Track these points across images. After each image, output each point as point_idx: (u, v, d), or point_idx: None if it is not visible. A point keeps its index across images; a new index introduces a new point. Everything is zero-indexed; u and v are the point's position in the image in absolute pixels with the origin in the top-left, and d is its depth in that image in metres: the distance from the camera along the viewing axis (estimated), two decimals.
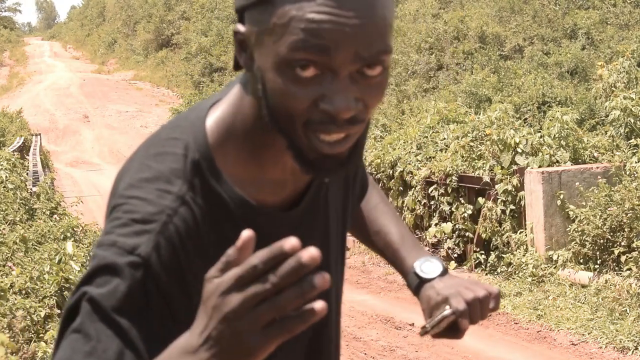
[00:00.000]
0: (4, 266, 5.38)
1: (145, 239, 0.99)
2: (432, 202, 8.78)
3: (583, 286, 6.71)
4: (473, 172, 8.34)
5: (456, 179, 8.37)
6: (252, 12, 0.97)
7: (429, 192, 8.75)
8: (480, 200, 8.10)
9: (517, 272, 7.34)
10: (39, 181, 11.12)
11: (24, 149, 18.47)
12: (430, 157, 9.19)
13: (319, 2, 0.92)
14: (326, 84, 0.95)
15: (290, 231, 1.00)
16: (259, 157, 1.07)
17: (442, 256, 8.57)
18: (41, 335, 4.57)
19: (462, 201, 8.35)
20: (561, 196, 7.27)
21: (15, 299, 4.66)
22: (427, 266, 1.35)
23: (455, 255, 8.42)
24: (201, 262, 1.00)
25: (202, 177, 1.05)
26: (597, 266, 6.82)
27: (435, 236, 8.60)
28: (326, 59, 0.93)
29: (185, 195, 1.03)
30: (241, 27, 1.00)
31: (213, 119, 1.08)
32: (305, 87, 0.95)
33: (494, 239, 7.88)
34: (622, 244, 6.63)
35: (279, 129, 0.99)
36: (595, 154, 8.10)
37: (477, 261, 8.08)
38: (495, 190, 7.88)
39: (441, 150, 9.23)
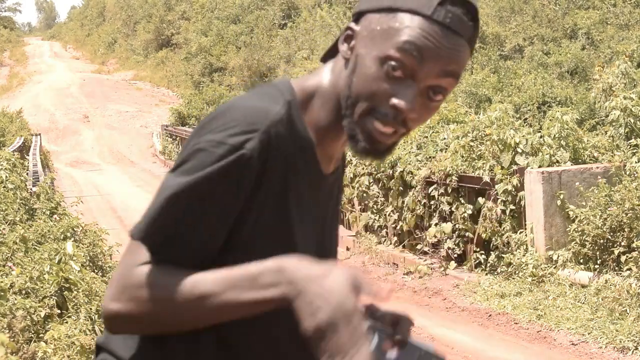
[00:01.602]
0: (4, 266, 5.38)
1: (253, 135, 1.19)
2: (432, 202, 8.78)
3: (583, 286, 6.71)
4: (473, 172, 8.34)
5: (456, 179, 8.37)
6: (374, 15, 1.23)
7: (429, 192, 8.75)
8: (480, 200, 8.10)
9: (517, 272, 7.34)
10: (39, 181, 11.12)
11: (24, 149, 18.46)
12: (430, 157, 9.19)
13: (431, 27, 1.19)
14: (403, 87, 1.20)
15: (326, 194, 1.36)
16: (325, 128, 1.29)
17: (442, 256, 8.57)
18: (41, 335, 4.57)
19: (462, 201, 8.35)
20: (561, 196, 7.27)
21: (15, 299, 4.66)
22: None
23: (455, 255, 8.42)
24: (278, 178, 1.23)
25: (291, 113, 1.25)
26: (597, 266, 6.82)
27: (435, 236, 8.60)
28: (416, 66, 1.19)
29: (284, 116, 1.23)
30: (354, 25, 1.26)
31: (298, 85, 1.30)
32: (389, 83, 1.20)
33: (494, 239, 7.88)
34: (622, 244, 6.63)
35: (348, 105, 1.23)
36: (595, 154, 8.10)
37: (477, 261, 8.08)
38: (495, 190, 7.88)
39: (441, 150, 9.23)
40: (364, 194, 10.18)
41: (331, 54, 1.34)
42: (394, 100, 1.20)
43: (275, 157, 1.22)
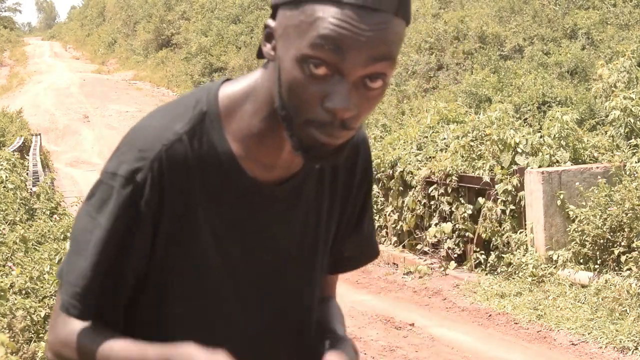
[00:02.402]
0: (4, 266, 5.38)
1: (141, 167, 1.15)
2: (432, 202, 8.78)
3: (583, 286, 6.71)
4: (473, 172, 8.34)
5: (456, 179, 8.37)
6: (285, 8, 1.10)
7: (429, 192, 8.75)
8: (480, 200, 8.10)
9: (517, 272, 7.34)
10: (39, 181, 11.12)
11: (24, 149, 18.46)
12: (430, 157, 9.19)
13: (344, 12, 1.05)
14: (333, 85, 1.07)
15: (267, 201, 1.23)
16: (259, 135, 1.20)
17: (442, 256, 8.57)
18: (41, 335, 4.57)
19: (462, 201, 8.35)
20: (561, 196, 7.27)
21: (15, 299, 4.66)
22: None
23: (455, 255, 8.42)
24: (182, 199, 1.18)
25: (204, 126, 1.19)
26: (597, 266, 6.81)
27: (435, 236, 8.60)
28: (338, 60, 1.06)
29: (183, 135, 1.17)
30: (271, 22, 1.14)
31: (227, 90, 1.22)
32: (315, 84, 1.07)
33: (494, 239, 7.88)
34: (622, 244, 6.63)
35: (284, 117, 1.12)
36: (595, 154, 8.10)
37: (477, 261, 8.08)
38: (495, 190, 7.88)
39: (441, 150, 9.22)
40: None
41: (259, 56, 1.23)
42: (327, 104, 1.07)
43: (173, 180, 1.17)
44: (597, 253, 6.87)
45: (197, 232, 1.20)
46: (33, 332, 4.61)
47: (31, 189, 9.94)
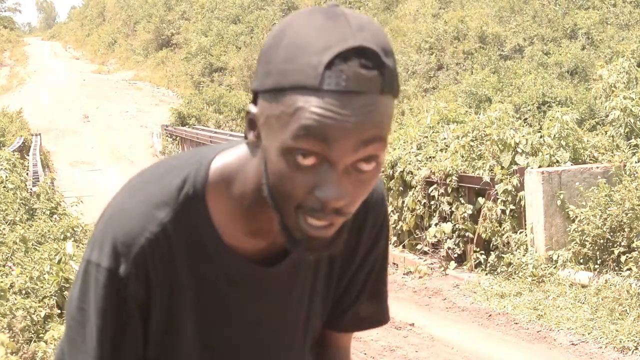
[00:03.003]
0: (4, 266, 5.38)
1: (124, 261, 1.12)
2: (432, 202, 8.78)
3: (583, 286, 6.71)
4: (473, 172, 8.34)
5: (456, 179, 8.37)
6: (265, 96, 1.03)
7: (429, 192, 8.75)
8: (480, 200, 8.10)
9: (517, 272, 7.34)
10: (39, 181, 11.11)
11: (24, 149, 18.46)
12: (430, 157, 9.19)
13: (325, 100, 0.98)
14: (322, 173, 1.01)
15: (261, 284, 1.20)
16: (248, 217, 1.15)
17: (442, 256, 8.57)
18: (41, 335, 4.57)
19: (462, 201, 8.35)
20: (561, 196, 7.27)
21: (15, 299, 4.66)
22: None
23: (455, 255, 8.42)
24: (168, 289, 1.15)
25: (189, 212, 1.14)
26: (597, 266, 6.81)
27: (435, 236, 8.60)
28: (326, 150, 0.99)
29: (167, 224, 1.13)
30: (253, 108, 1.07)
31: (218, 164, 1.15)
32: (303, 174, 1.02)
33: (494, 239, 7.88)
34: (622, 244, 6.62)
35: (274, 205, 1.06)
36: (595, 154, 8.10)
37: (477, 261, 8.08)
38: (495, 190, 7.88)
39: (441, 150, 9.22)
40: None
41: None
42: (318, 194, 1.02)
43: (158, 272, 1.14)
44: (597, 253, 6.87)
45: (183, 321, 1.18)
46: (33, 332, 4.61)
47: (31, 189, 9.94)
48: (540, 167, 7.72)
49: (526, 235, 7.53)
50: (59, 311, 4.95)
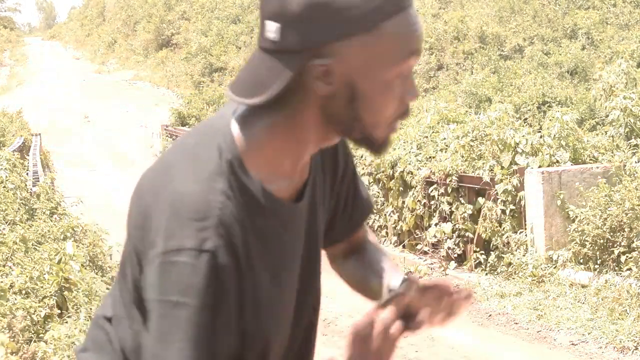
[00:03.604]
0: (4, 266, 5.38)
1: (207, 235, 1.12)
2: (432, 202, 8.78)
3: (583, 286, 6.71)
4: (473, 172, 8.34)
5: (456, 179, 8.37)
6: (353, 40, 1.12)
7: (429, 192, 8.75)
8: (480, 200, 8.10)
9: (517, 272, 7.34)
10: (39, 181, 11.11)
11: (24, 149, 18.46)
12: (430, 157, 9.19)
13: (410, 18, 1.15)
14: (407, 81, 1.19)
15: (300, 220, 1.29)
16: (282, 164, 1.23)
17: (442, 256, 8.57)
18: (41, 335, 4.57)
19: (462, 201, 8.35)
20: (561, 196, 7.27)
21: (15, 299, 4.66)
22: None
23: (455, 255, 8.42)
24: (243, 250, 1.18)
25: (235, 174, 1.18)
26: (597, 266, 6.81)
27: (435, 236, 8.60)
28: (416, 59, 1.18)
29: (227, 191, 1.17)
30: (326, 61, 1.13)
31: (240, 132, 1.21)
32: (399, 88, 1.18)
33: (494, 239, 7.87)
34: (622, 244, 6.62)
35: (356, 134, 1.21)
36: (595, 154, 8.10)
37: (477, 261, 8.08)
38: (495, 190, 7.88)
39: (441, 150, 9.22)
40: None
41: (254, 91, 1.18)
42: (407, 99, 1.20)
43: (237, 238, 1.16)
44: (597, 253, 6.86)
45: (260, 282, 1.22)
46: (33, 332, 4.61)
47: (31, 189, 9.94)
48: (540, 167, 7.72)
49: (526, 235, 7.53)
50: (59, 311, 4.95)
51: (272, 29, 1.16)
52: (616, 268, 6.61)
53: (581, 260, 7.00)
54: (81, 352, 1.36)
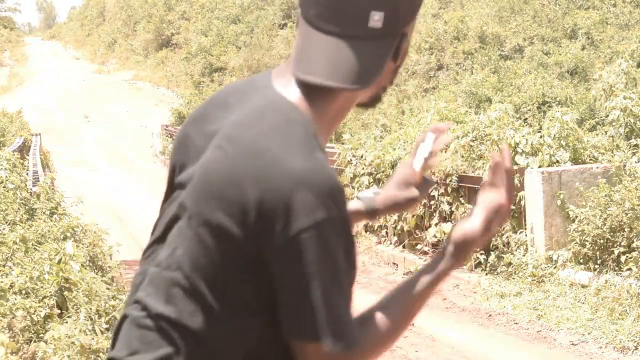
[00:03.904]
0: (4, 266, 5.38)
1: (343, 203, 1.26)
2: (432, 202, 8.78)
3: (583, 286, 6.71)
4: (473, 172, 8.34)
5: (456, 179, 8.37)
6: (410, 24, 1.36)
7: (429, 192, 8.75)
8: None
9: (517, 272, 7.34)
10: (39, 181, 11.11)
11: (24, 149, 18.46)
12: None
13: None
14: None
15: None
16: (327, 133, 1.37)
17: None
18: (41, 335, 4.57)
19: (462, 201, 8.35)
20: (561, 196, 7.27)
21: (15, 299, 4.66)
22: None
23: None
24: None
25: (320, 147, 1.30)
26: (597, 266, 6.81)
27: (435, 236, 8.60)
28: None
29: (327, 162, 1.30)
30: (406, 39, 1.36)
31: (300, 102, 1.32)
32: None
33: (494, 239, 7.87)
34: (622, 244, 6.62)
35: (383, 93, 1.42)
36: (595, 154, 8.10)
37: (477, 261, 8.07)
38: None
39: (441, 150, 9.22)
40: None
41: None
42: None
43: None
44: (597, 253, 6.86)
45: None
46: (33, 332, 4.60)
47: (31, 189, 9.94)
48: (540, 167, 7.72)
49: (526, 235, 7.53)
50: (59, 311, 4.94)
51: (377, 17, 1.28)
52: (616, 268, 6.61)
53: (581, 260, 7.00)
54: (129, 356, 1.34)
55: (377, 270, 8.89)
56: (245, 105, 1.34)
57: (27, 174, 12.81)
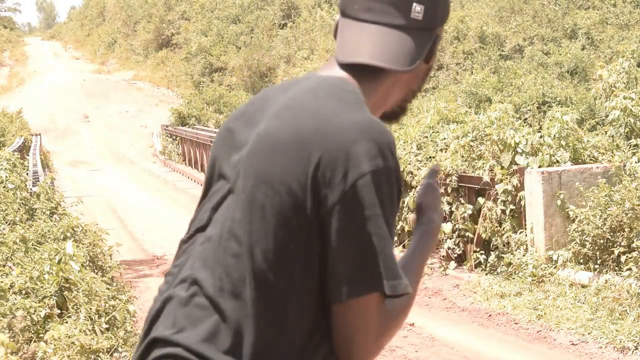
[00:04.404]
0: (4, 266, 5.38)
1: (395, 154, 1.34)
2: None
3: (583, 286, 6.71)
4: (473, 172, 8.34)
5: (456, 179, 8.37)
6: (445, 18, 1.46)
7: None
8: (480, 200, 8.10)
9: (517, 272, 7.34)
10: (39, 181, 11.10)
11: (24, 149, 18.45)
12: (430, 157, 9.19)
13: None
14: None
15: None
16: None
17: (442, 256, 8.57)
18: (41, 335, 4.57)
19: (462, 201, 8.35)
20: (561, 196, 7.27)
21: (15, 299, 4.66)
22: None
23: (455, 255, 8.42)
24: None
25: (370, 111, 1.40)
26: (597, 266, 6.81)
27: None
28: None
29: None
30: (438, 38, 1.48)
31: (349, 79, 1.41)
32: None
33: (494, 239, 7.87)
34: (622, 244, 6.62)
35: (405, 104, 1.52)
36: (595, 154, 8.10)
37: (477, 261, 8.08)
38: (495, 190, 7.88)
39: (441, 150, 9.22)
40: None
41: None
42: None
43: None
44: (597, 253, 6.86)
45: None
46: (33, 332, 4.60)
47: (31, 189, 9.93)
48: (540, 167, 7.72)
49: (526, 235, 7.53)
50: (59, 311, 4.94)
51: (419, 9, 1.41)
52: (616, 268, 6.61)
53: (581, 260, 7.00)
54: (178, 334, 1.34)
55: None
56: (293, 89, 1.41)
57: (27, 174, 12.81)
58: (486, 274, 7.82)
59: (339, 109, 1.33)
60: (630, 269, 6.25)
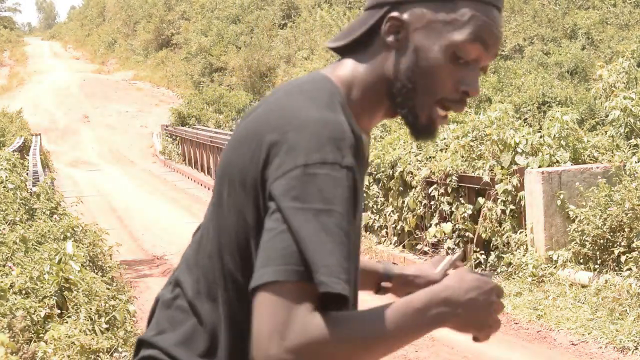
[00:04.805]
0: (4, 266, 5.38)
1: (350, 154, 1.24)
2: (432, 202, 8.78)
3: (583, 286, 6.71)
4: (473, 172, 8.34)
5: (456, 179, 8.37)
6: (427, 5, 1.30)
7: (429, 192, 8.75)
8: (480, 200, 8.10)
9: (517, 272, 7.34)
10: (39, 181, 11.11)
11: (24, 149, 18.46)
12: (430, 157, 9.19)
13: (492, 13, 1.33)
14: (469, 72, 1.32)
15: (366, 167, 1.41)
16: (366, 117, 1.37)
17: (442, 256, 8.57)
18: (41, 335, 4.57)
19: (462, 201, 8.35)
20: (561, 196, 7.27)
21: (15, 299, 4.66)
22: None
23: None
24: (358, 174, 1.29)
25: (345, 111, 1.30)
26: (597, 266, 6.81)
27: (435, 236, 8.60)
28: (483, 54, 1.32)
29: (346, 123, 1.28)
30: (402, 16, 1.31)
31: (335, 79, 1.34)
32: (455, 70, 1.30)
33: (494, 239, 7.88)
34: (622, 244, 6.62)
35: (404, 99, 1.33)
36: (595, 154, 8.10)
37: (477, 261, 8.08)
38: (495, 190, 7.88)
39: (441, 150, 9.22)
40: (364, 194, 10.18)
41: (348, 46, 1.37)
42: (465, 88, 1.31)
43: (357, 161, 1.28)
44: (597, 253, 6.87)
45: (359, 207, 1.33)
46: (33, 332, 4.61)
47: (31, 189, 9.94)
48: (540, 167, 7.72)
49: (526, 235, 7.53)
50: (59, 311, 4.95)
51: None
52: (616, 268, 6.61)
53: (581, 260, 7.00)
54: (157, 336, 1.34)
55: None
56: (285, 87, 1.39)
57: (27, 174, 12.81)
58: None
59: (305, 106, 1.26)
60: (630, 269, 6.25)
